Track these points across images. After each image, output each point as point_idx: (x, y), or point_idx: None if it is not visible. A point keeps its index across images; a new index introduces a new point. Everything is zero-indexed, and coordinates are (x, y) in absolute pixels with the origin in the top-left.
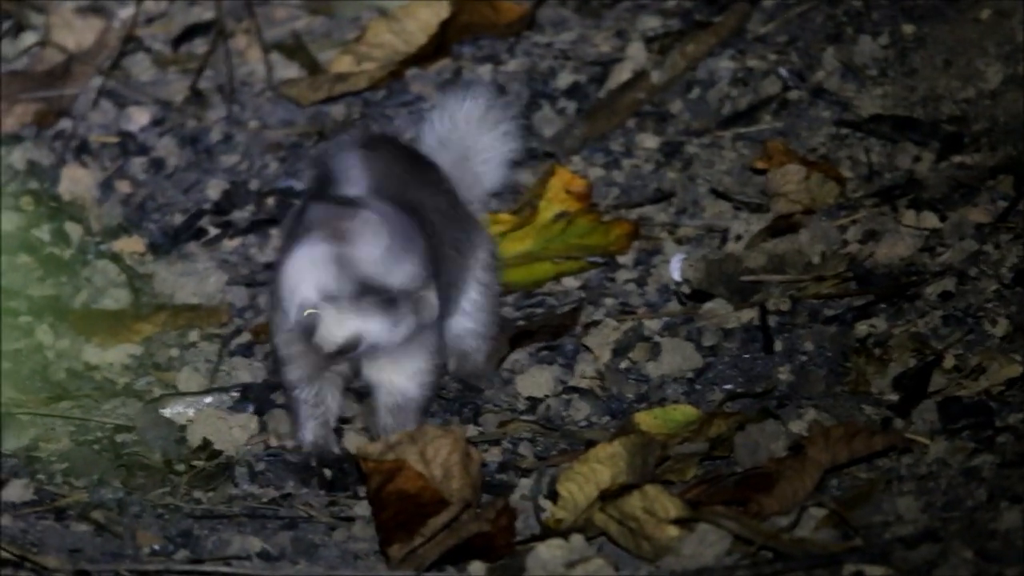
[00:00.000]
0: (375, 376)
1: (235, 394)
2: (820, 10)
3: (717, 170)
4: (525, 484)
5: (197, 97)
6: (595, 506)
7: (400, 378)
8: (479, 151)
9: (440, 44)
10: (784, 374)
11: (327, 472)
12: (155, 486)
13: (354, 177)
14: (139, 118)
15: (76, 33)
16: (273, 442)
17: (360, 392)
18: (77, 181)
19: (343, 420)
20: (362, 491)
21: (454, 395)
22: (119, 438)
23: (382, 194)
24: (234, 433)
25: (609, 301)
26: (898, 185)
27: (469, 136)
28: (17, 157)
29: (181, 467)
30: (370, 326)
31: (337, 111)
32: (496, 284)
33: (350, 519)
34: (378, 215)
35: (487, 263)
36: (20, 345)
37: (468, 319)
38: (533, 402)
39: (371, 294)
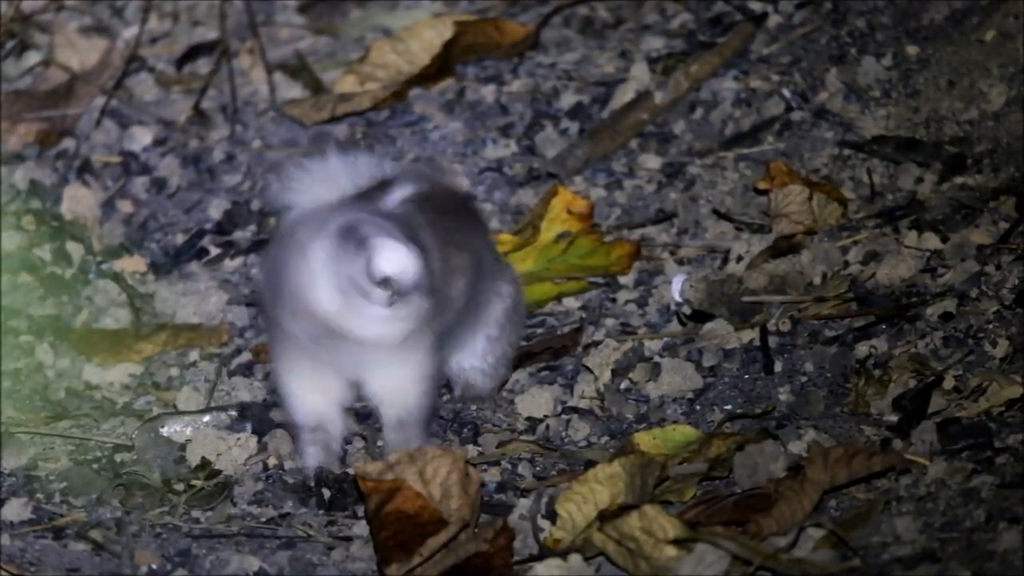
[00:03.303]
0: (376, 388)
1: (234, 414)
2: (824, 31)
3: (719, 191)
4: (524, 504)
5: (200, 117)
6: (594, 526)
7: (399, 387)
8: None
9: (444, 64)
10: (784, 395)
11: (326, 492)
12: (154, 505)
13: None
14: (142, 138)
15: (80, 53)
16: (272, 462)
17: (360, 414)
18: (79, 201)
19: (345, 441)
20: (361, 511)
21: (453, 415)
22: (118, 457)
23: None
24: (233, 453)
25: (610, 322)
26: (900, 206)
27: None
28: (19, 177)
29: (180, 486)
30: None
31: (340, 131)
32: (515, 330)
33: (348, 539)
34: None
35: (508, 311)
36: (20, 364)
37: (478, 359)
38: (533, 422)
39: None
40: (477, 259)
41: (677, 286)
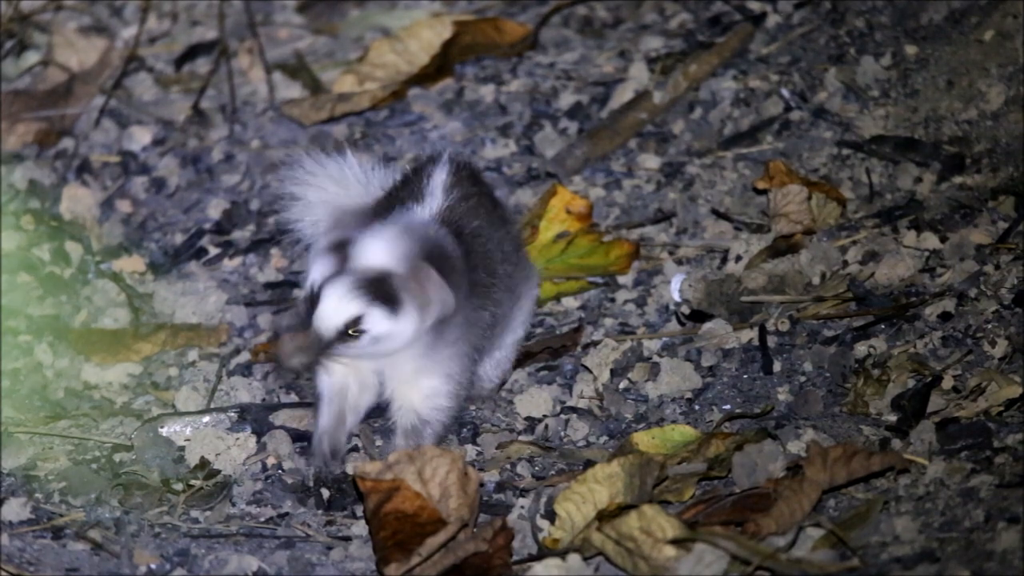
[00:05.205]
0: (393, 392)
1: (233, 414)
2: (822, 31)
3: (718, 190)
4: (523, 504)
5: (199, 117)
6: (592, 526)
7: (416, 396)
8: None
9: (443, 64)
10: (783, 394)
11: (325, 492)
12: (153, 505)
13: (429, 197)
14: (141, 138)
15: (79, 53)
16: (271, 462)
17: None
18: (78, 200)
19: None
20: (359, 510)
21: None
22: (117, 457)
23: (447, 220)
24: (232, 453)
25: (609, 321)
26: (899, 206)
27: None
28: (18, 176)
29: (179, 486)
30: (371, 311)
31: (339, 131)
32: (530, 320)
33: (347, 539)
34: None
35: (532, 301)
36: (20, 364)
37: (494, 362)
38: (532, 422)
39: (374, 283)
40: (509, 254)
41: (676, 286)
